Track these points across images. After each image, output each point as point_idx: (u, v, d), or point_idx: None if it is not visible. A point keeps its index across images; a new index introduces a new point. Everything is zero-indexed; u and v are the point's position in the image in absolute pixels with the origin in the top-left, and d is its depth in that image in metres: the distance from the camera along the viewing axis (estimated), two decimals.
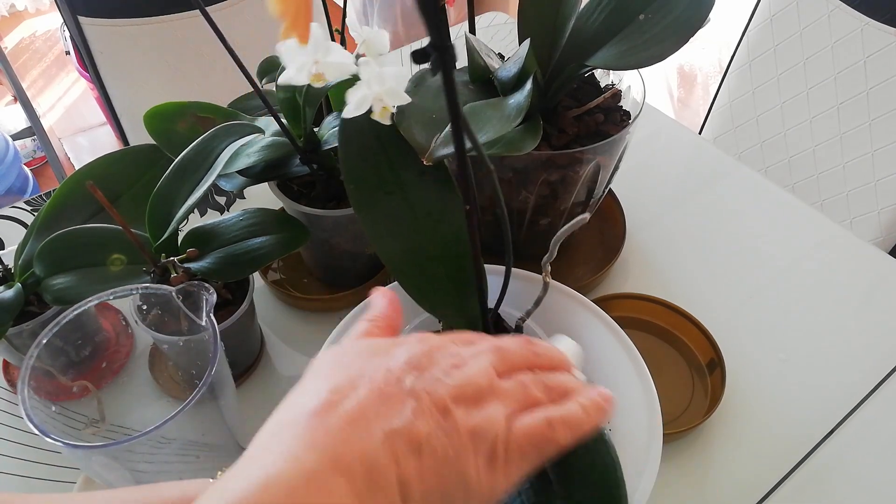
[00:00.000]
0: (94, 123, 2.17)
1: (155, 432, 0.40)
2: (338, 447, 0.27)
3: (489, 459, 0.29)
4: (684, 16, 0.50)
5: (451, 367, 0.30)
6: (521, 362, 0.33)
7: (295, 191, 0.61)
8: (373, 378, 0.29)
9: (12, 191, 1.71)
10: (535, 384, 0.32)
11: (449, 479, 0.28)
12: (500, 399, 0.30)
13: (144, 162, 0.59)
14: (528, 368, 0.33)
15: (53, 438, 0.40)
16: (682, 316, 0.64)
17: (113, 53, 1.03)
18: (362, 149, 0.47)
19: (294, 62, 0.41)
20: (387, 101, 0.42)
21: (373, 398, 0.28)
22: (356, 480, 0.26)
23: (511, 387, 0.31)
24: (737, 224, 0.77)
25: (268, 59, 0.63)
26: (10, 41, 2.46)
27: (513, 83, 0.51)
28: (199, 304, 0.46)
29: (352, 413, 0.28)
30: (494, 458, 0.29)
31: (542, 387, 0.32)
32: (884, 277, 0.71)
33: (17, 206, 0.80)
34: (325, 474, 0.26)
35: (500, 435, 0.29)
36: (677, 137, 0.89)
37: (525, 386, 0.32)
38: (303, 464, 0.26)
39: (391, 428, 0.27)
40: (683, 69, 2.22)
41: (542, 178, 0.58)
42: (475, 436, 0.28)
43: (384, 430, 0.27)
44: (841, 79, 0.98)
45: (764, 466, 0.57)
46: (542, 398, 0.32)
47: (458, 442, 0.28)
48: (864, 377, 0.63)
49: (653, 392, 0.46)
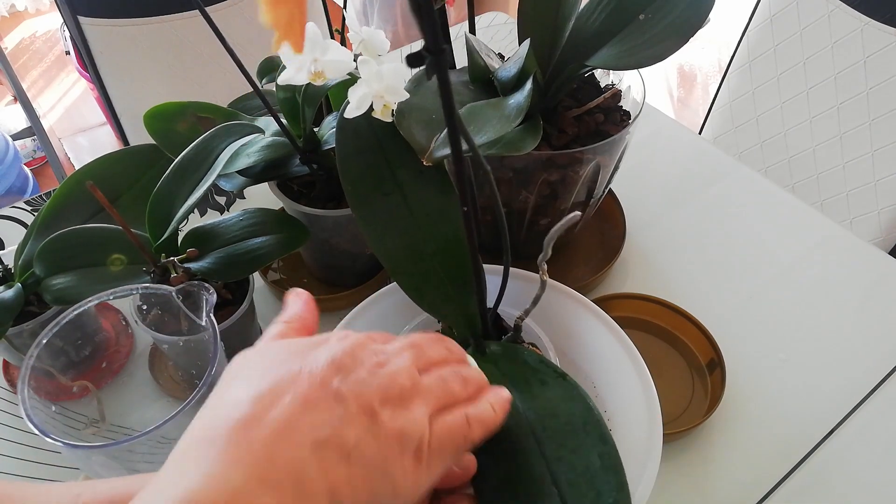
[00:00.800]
0: (94, 123, 2.17)
1: (155, 432, 0.40)
2: (264, 463, 0.26)
3: (415, 459, 0.29)
4: (684, 16, 0.50)
5: (375, 366, 0.30)
6: (437, 358, 0.34)
7: (295, 191, 0.61)
8: (297, 383, 0.28)
9: (12, 191, 1.71)
10: (454, 378, 0.33)
11: (378, 483, 0.28)
12: (422, 398, 0.31)
13: (144, 162, 0.59)
14: (444, 363, 0.34)
15: (53, 438, 0.40)
16: (682, 316, 0.64)
17: (113, 53, 1.03)
18: (359, 148, 0.47)
19: (293, 61, 0.41)
20: (387, 98, 0.42)
21: (298, 406, 0.28)
22: (285, 495, 0.25)
23: (432, 383, 0.32)
24: (737, 224, 0.77)
25: (268, 59, 0.63)
26: (11, 41, 2.46)
27: (513, 83, 0.51)
28: (199, 304, 0.46)
29: (278, 425, 0.27)
30: (419, 457, 0.29)
31: (461, 380, 0.33)
32: (884, 277, 0.71)
33: (17, 206, 0.80)
34: (251, 492, 0.25)
35: (425, 435, 0.30)
36: (677, 137, 0.89)
37: (445, 381, 0.32)
38: (227, 481, 0.25)
39: (319, 438, 0.27)
40: (683, 69, 2.22)
41: (542, 178, 0.58)
42: (402, 438, 0.29)
43: (312, 441, 0.27)
44: (841, 79, 0.98)
45: (764, 466, 0.57)
46: (460, 393, 0.33)
47: (386, 445, 0.28)
48: (865, 377, 0.63)
49: (653, 392, 0.46)
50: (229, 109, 0.61)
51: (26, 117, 1.60)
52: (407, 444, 0.29)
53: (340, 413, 0.28)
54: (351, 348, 0.31)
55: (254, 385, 0.29)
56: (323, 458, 0.27)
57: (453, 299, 0.46)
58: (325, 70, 0.41)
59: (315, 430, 0.27)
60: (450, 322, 0.47)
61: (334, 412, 0.28)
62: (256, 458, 0.26)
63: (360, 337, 0.32)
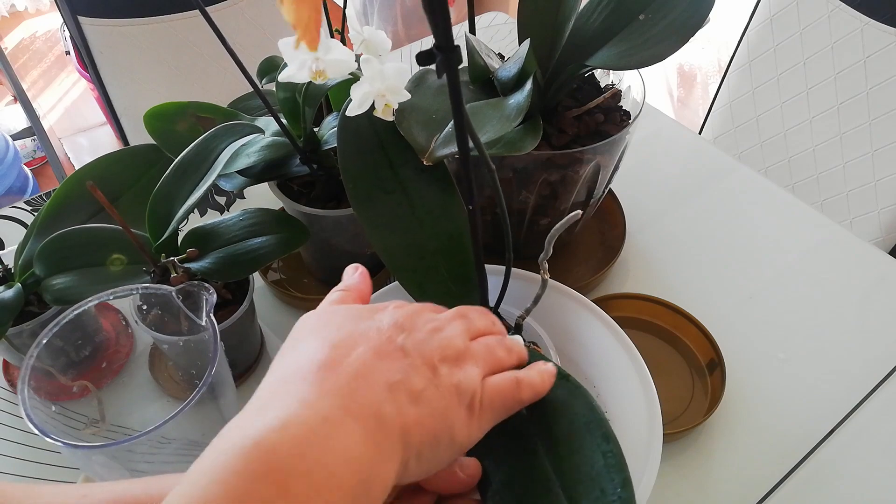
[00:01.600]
0: (94, 123, 2.17)
1: (155, 432, 0.40)
2: (347, 397, 0.29)
3: (469, 411, 0.33)
4: (684, 16, 0.50)
5: (432, 330, 0.34)
6: (484, 328, 0.37)
7: (295, 191, 0.61)
8: (368, 337, 0.33)
9: (12, 191, 1.71)
10: (499, 346, 0.37)
11: (440, 427, 0.31)
12: (473, 360, 0.34)
13: (144, 162, 0.59)
14: (489, 333, 0.38)
15: (53, 438, 0.40)
16: (683, 316, 0.64)
17: (113, 53, 1.03)
18: (361, 147, 0.47)
19: (295, 60, 0.41)
20: (389, 97, 0.42)
21: (371, 355, 0.31)
22: (367, 425, 0.29)
23: (480, 349, 0.36)
24: (737, 224, 0.77)
25: (268, 59, 0.63)
26: (10, 41, 2.46)
27: (513, 83, 0.51)
28: (199, 304, 0.46)
29: (357, 367, 0.31)
30: (472, 410, 0.33)
31: (505, 348, 0.37)
32: (884, 277, 0.71)
33: (17, 206, 0.80)
34: (340, 418, 0.28)
35: (477, 391, 0.33)
36: (677, 137, 0.89)
37: (492, 348, 0.36)
38: (318, 409, 0.28)
39: (392, 380, 0.31)
40: (683, 69, 2.22)
41: (542, 178, 0.58)
42: (458, 390, 0.32)
43: (387, 382, 0.30)
44: (841, 79, 0.98)
45: (764, 466, 0.57)
46: (506, 358, 0.37)
47: (447, 395, 0.32)
48: (865, 377, 0.63)
49: (653, 392, 0.46)
50: (229, 109, 0.61)
51: (26, 117, 1.60)
52: (463, 396, 0.32)
53: (407, 363, 0.32)
54: (409, 314, 0.35)
55: (329, 337, 0.32)
56: (396, 398, 0.30)
57: (455, 297, 0.46)
58: (327, 69, 0.41)
59: (388, 374, 0.31)
60: None
61: (402, 362, 0.32)
62: (342, 392, 0.29)
63: (415, 305, 0.36)
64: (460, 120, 0.31)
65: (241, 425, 0.28)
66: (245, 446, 0.26)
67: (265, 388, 0.31)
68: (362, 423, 0.29)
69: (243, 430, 0.27)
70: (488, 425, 0.34)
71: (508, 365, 0.37)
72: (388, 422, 0.29)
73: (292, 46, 0.40)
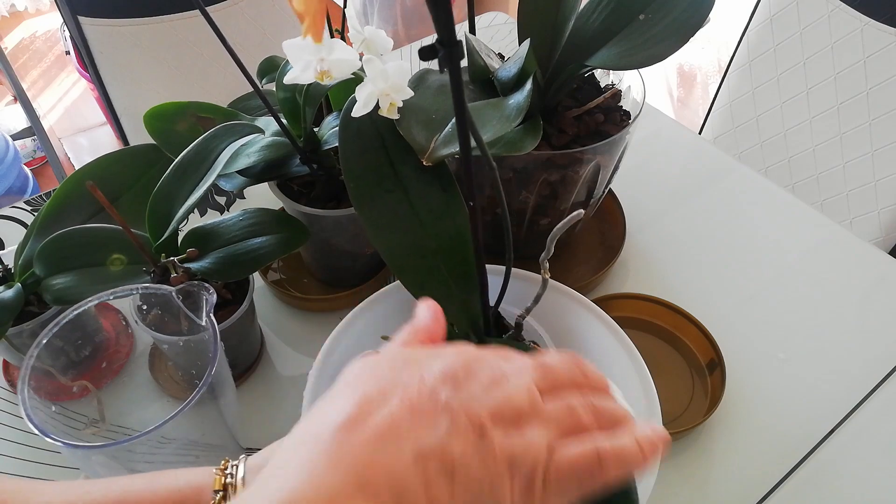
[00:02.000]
0: (94, 123, 2.17)
1: (155, 432, 0.40)
2: (364, 467, 0.25)
3: (526, 490, 0.26)
4: (684, 16, 0.50)
5: (490, 383, 0.28)
6: (567, 381, 0.30)
7: (295, 191, 0.61)
8: (406, 389, 0.27)
9: (12, 191, 1.71)
10: (584, 408, 0.29)
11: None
12: (542, 422, 0.28)
13: (144, 162, 0.59)
14: (576, 387, 0.30)
15: (53, 438, 0.40)
16: (683, 316, 0.64)
17: (113, 53, 1.03)
18: (362, 146, 0.47)
19: (300, 60, 0.41)
20: (393, 96, 0.42)
21: (404, 411, 0.26)
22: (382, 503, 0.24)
23: (556, 409, 0.29)
24: (737, 224, 0.77)
25: (268, 59, 0.63)
26: (10, 41, 2.46)
27: (513, 83, 0.51)
28: (199, 304, 0.46)
29: (381, 428, 0.26)
30: (531, 489, 0.26)
31: (592, 411, 0.29)
32: (884, 277, 0.71)
33: (17, 206, 0.80)
34: (348, 496, 0.24)
35: (541, 463, 0.27)
36: (677, 137, 0.89)
37: (572, 409, 0.29)
38: (325, 484, 0.24)
39: (423, 447, 0.25)
40: (683, 69, 2.22)
41: (542, 178, 0.58)
42: (513, 461, 0.26)
43: (415, 449, 0.25)
44: (841, 79, 0.98)
45: (764, 466, 0.57)
46: (590, 424, 0.29)
47: (494, 467, 0.26)
48: (865, 377, 0.63)
49: (653, 392, 0.46)
50: (229, 109, 0.61)
51: (26, 117, 1.60)
52: (518, 469, 0.26)
53: (447, 425, 0.26)
54: (466, 360, 0.29)
55: (363, 388, 0.27)
56: (425, 470, 0.25)
57: (456, 297, 0.46)
58: (332, 69, 0.42)
59: (419, 439, 0.25)
60: (452, 319, 0.47)
61: (441, 423, 0.26)
62: (356, 462, 0.25)
63: (479, 352, 0.30)
64: (462, 115, 0.31)
65: (248, 500, 0.25)
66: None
67: (285, 446, 0.27)
68: (376, 502, 0.24)
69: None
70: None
71: (597, 432, 0.29)
72: (410, 500, 0.24)
73: (297, 47, 0.40)
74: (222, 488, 0.34)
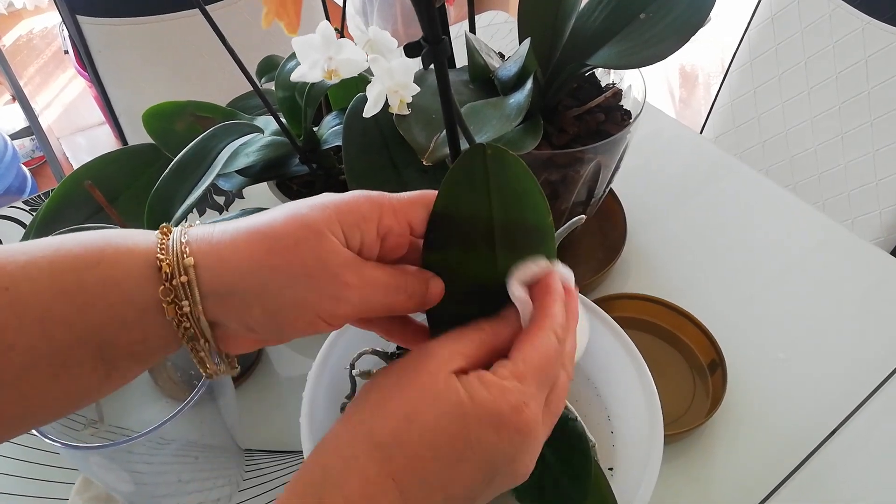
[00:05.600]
0: (93, 123, 2.17)
1: (153, 433, 0.40)
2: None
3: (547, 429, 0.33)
4: (685, 15, 0.50)
5: (557, 401, 0.34)
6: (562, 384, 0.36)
7: (294, 191, 0.61)
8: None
9: (11, 191, 1.71)
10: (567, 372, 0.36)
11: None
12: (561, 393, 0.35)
13: (143, 161, 0.59)
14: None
15: (52, 439, 0.40)
16: (684, 316, 0.64)
17: (112, 52, 1.03)
18: (365, 147, 0.47)
19: (308, 59, 0.41)
20: (402, 93, 0.42)
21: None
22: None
23: (564, 382, 0.35)
24: (738, 224, 0.77)
25: (267, 59, 0.62)
26: (8, 40, 2.46)
27: (513, 82, 0.50)
28: None
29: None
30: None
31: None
32: (885, 277, 0.71)
33: (15, 205, 0.79)
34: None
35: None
36: (678, 137, 0.89)
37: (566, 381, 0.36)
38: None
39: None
40: (684, 68, 2.22)
41: (542, 178, 0.58)
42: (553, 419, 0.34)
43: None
44: (842, 78, 0.98)
45: (766, 467, 0.57)
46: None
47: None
48: (866, 377, 0.63)
49: (654, 393, 0.46)
50: (228, 109, 0.61)
51: (24, 117, 1.60)
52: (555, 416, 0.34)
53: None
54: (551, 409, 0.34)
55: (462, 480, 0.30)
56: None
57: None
58: (339, 68, 0.42)
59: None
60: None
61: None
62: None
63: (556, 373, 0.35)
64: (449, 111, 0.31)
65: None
66: None
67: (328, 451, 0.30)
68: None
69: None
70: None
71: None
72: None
73: (306, 44, 0.40)
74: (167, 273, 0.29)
